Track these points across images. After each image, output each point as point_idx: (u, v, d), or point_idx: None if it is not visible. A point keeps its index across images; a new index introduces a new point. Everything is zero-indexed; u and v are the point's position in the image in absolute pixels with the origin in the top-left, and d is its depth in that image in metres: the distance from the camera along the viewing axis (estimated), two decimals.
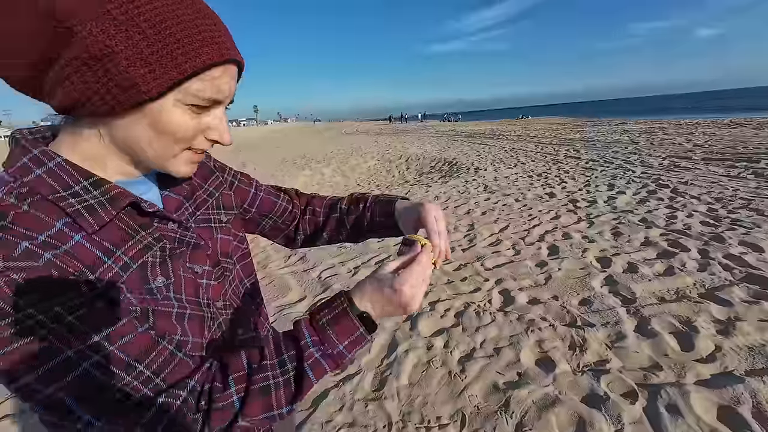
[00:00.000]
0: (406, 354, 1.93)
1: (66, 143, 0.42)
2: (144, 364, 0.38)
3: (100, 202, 0.41)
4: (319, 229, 0.74)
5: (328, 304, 0.47)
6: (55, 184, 0.39)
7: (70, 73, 0.36)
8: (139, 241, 0.44)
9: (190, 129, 0.41)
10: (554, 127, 17.25)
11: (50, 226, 0.38)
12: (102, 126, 0.41)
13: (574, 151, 8.54)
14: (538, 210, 4.25)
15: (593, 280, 2.51)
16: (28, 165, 0.39)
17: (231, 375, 0.42)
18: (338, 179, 9.11)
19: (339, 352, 0.45)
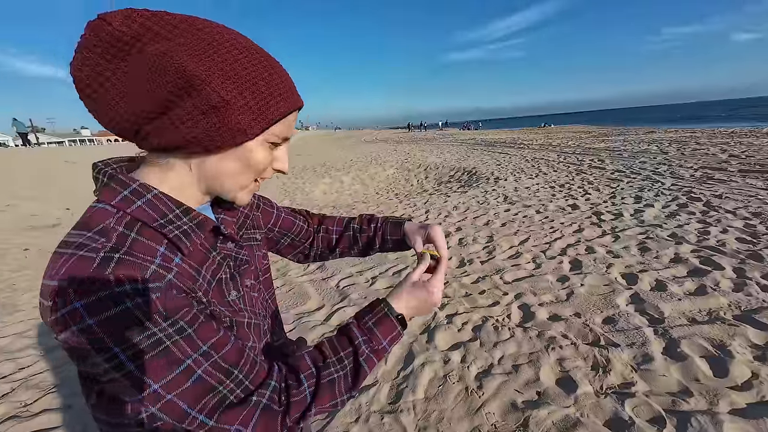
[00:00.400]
0: (423, 367, 1.93)
1: (154, 174, 0.47)
2: (238, 369, 0.44)
3: (191, 228, 0.48)
4: (333, 246, 0.82)
5: (371, 309, 0.57)
6: (155, 214, 0.45)
7: (186, 119, 0.42)
8: (213, 259, 0.52)
9: (267, 162, 0.49)
10: (578, 136, 16.83)
11: (157, 251, 0.44)
12: (195, 160, 0.46)
13: (599, 161, 8.30)
14: (560, 222, 4.16)
15: (618, 298, 2.42)
16: (130, 197, 0.44)
17: (302, 373, 0.50)
18: (357, 187, 9.22)
19: (383, 347, 0.55)
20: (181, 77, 0.40)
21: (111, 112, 0.42)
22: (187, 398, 0.41)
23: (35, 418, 1.78)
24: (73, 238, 0.41)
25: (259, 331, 0.57)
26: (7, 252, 4.63)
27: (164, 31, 0.40)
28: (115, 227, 0.42)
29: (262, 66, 0.44)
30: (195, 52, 0.40)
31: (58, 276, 0.38)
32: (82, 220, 0.43)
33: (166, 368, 0.39)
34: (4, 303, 3.17)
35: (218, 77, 0.41)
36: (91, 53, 0.40)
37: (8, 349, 2.44)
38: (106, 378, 0.39)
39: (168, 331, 0.40)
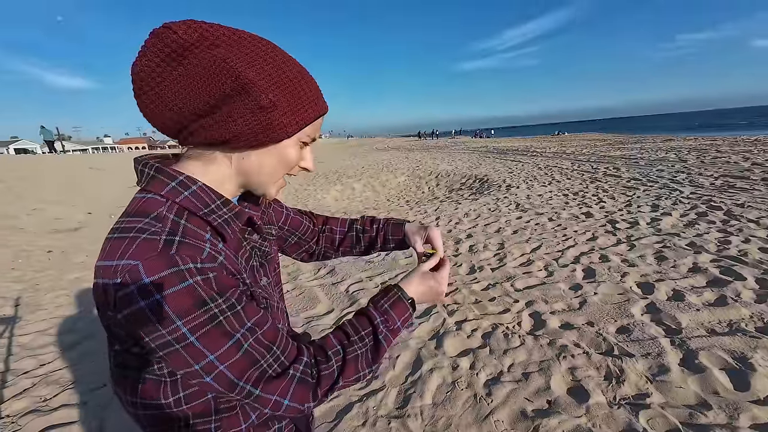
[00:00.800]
0: (431, 373, 1.92)
1: (197, 167, 0.52)
2: (276, 346, 0.49)
3: (231, 218, 0.52)
4: (336, 246, 0.87)
5: (386, 293, 0.63)
6: (200, 204, 0.49)
7: (236, 117, 0.46)
8: (245, 248, 0.57)
9: (297, 159, 0.54)
10: (593, 144, 16.57)
11: (204, 237, 0.48)
12: (235, 155, 0.51)
13: (614, 169, 8.14)
14: (574, 230, 4.09)
15: (633, 307, 2.36)
16: (177, 188, 0.48)
17: (329, 351, 0.55)
18: (368, 194, 9.27)
19: (397, 327, 0.61)
20: (235, 80, 0.44)
21: (164, 110, 0.46)
22: (235, 369, 0.45)
23: (54, 413, 1.83)
24: (130, 224, 0.45)
25: (283, 315, 0.64)
26: (31, 254, 4.83)
27: (219, 41, 0.45)
28: (167, 215, 0.46)
29: (300, 74, 0.50)
30: (248, 59, 0.46)
31: (125, 256, 0.42)
32: (136, 208, 0.47)
33: (220, 340, 0.44)
34: (28, 302, 3.30)
35: (267, 82, 0.46)
36: (154, 56, 0.44)
37: (30, 346, 2.54)
38: (164, 351, 0.43)
39: (222, 307, 0.44)
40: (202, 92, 0.44)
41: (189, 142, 0.50)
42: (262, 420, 0.56)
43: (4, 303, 3.27)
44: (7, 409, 1.88)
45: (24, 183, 8.68)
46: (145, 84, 0.45)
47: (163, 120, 0.47)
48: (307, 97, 0.50)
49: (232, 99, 0.45)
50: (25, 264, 4.43)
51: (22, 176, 9.32)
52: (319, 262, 3.58)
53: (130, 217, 0.46)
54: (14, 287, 3.66)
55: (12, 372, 2.22)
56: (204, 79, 0.44)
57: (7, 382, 2.11)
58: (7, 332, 2.72)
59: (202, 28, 0.45)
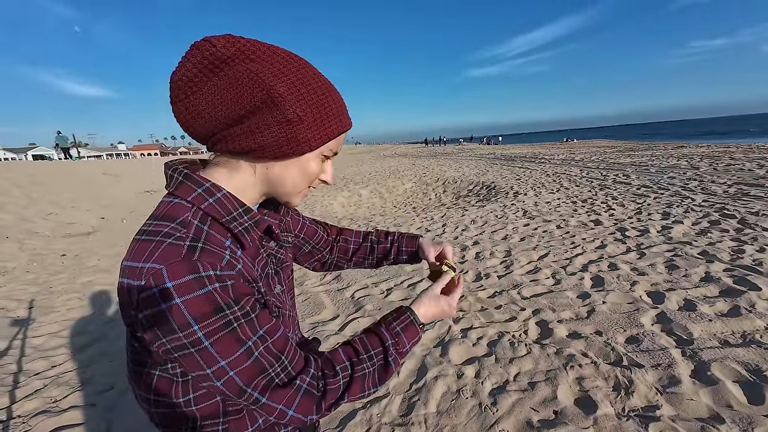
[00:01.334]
0: (436, 381, 1.90)
1: (222, 175, 0.54)
2: (284, 355, 0.50)
3: (251, 226, 0.54)
4: (350, 256, 0.88)
5: (398, 315, 0.64)
6: (223, 211, 0.51)
7: (263, 128, 0.48)
8: (262, 255, 0.59)
9: (318, 172, 0.56)
10: (602, 151, 16.41)
11: (225, 243, 0.50)
12: (260, 165, 0.53)
13: (624, 176, 8.04)
14: (582, 238, 4.04)
15: (643, 317, 2.32)
16: (203, 195, 0.50)
17: (338, 365, 0.56)
18: (375, 200, 9.30)
19: (406, 350, 0.62)
20: (266, 93, 0.47)
21: (197, 117, 0.49)
22: (243, 376, 0.46)
23: (63, 414, 1.87)
24: (157, 228, 0.47)
25: (294, 323, 0.66)
26: (46, 257, 4.95)
27: (254, 55, 0.48)
28: (192, 220, 0.49)
29: (327, 91, 0.52)
30: (279, 74, 0.48)
31: (150, 259, 0.44)
32: (162, 212, 0.50)
33: (233, 347, 0.45)
34: (41, 305, 3.37)
35: (295, 97, 0.48)
36: (192, 67, 0.47)
37: (42, 347, 2.59)
38: (178, 353, 0.44)
39: (237, 314, 0.46)
40: (234, 103, 0.47)
41: (217, 148, 0.52)
42: (269, 425, 0.57)
43: (18, 305, 3.35)
44: (18, 410, 1.91)
45: (41, 188, 8.92)
46: (182, 92, 0.48)
47: (195, 126, 0.50)
48: (332, 113, 0.52)
49: (261, 111, 0.47)
50: (40, 267, 4.54)
51: (39, 181, 9.58)
52: (314, 279, 3.60)
53: (157, 220, 0.48)
54: (29, 290, 3.75)
55: (24, 373, 2.27)
56: (237, 91, 0.47)
57: (19, 383, 2.16)
58: (20, 334, 2.79)
59: (239, 43, 0.47)
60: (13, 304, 3.36)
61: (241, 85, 0.47)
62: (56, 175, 10.86)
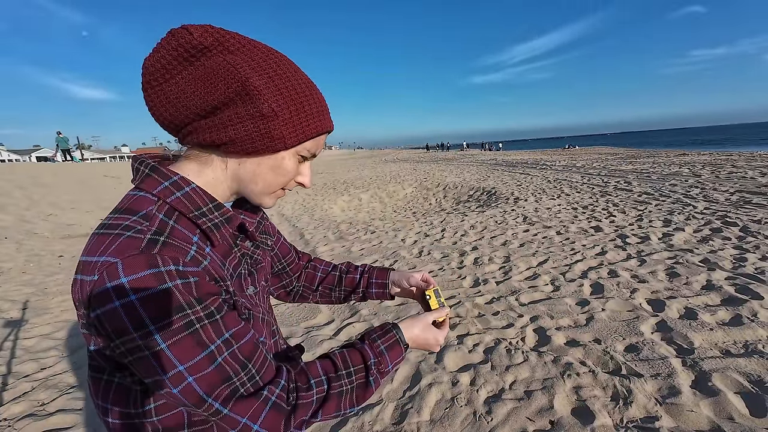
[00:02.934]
0: (430, 388, 1.86)
1: (192, 169, 0.51)
2: (252, 362, 0.46)
3: (222, 222, 0.51)
4: (316, 285, 0.82)
5: (384, 333, 0.61)
6: (191, 206, 0.48)
7: (236, 121, 0.46)
8: (235, 255, 0.55)
9: (293, 173, 0.53)
10: (603, 158, 16.38)
11: (192, 239, 0.47)
12: (232, 160, 0.50)
13: (626, 183, 8.01)
14: (582, 244, 4.00)
15: (642, 325, 2.27)
16: (170, 188, 0.48)
17: (313, 379, 0.51)
18: (375, 205, 9.29)
19: (388, 370, 0.58)
20: (241, 85, 0.45)
21: (168, 105, 0.47)
22: (204, 384, 0.42)
23: (50, 418, 1.83)
24: (117, 221, 0.44)
25: (269, 328, 0.61)
26: (43, 258, 4.93)
27: (233, 47, 0.46)
28: (157, 214, 0.46)
29: (308, 89, 0.50)
30: (257, 68, 0.46)
31: (106, 253, 0.41)
32: (125, 205, 0.47)
33: (193, 350, 0.41)
34: (35, 306, 3.35)
35: (272, 92, 0.46)
36: (167, 53, 0.45)
37: (33, 349, 2.56)
38: (133, 357, 0.40)
39: (200, 314, 0.42)
40: (207, 93, 0.45)
41: (187, 141, 0.50)
42: None
43: (12, 306, 3.33)
44: (5, 413, 1.88)
45: (42, 190, 8.95)
46: (153, 79, 0.46)
47: (165, 116, 0.48)
48: (311, 112, 0.50)
49: (234, 103, 0.45)
50: (36, 268, 4.52)
51: (41, 183, 9.62)
52: None
53: (118, 213, 0.45)
54: (24, 290, 3.73)
55: (13, 375, 2.24)
56: (211, 81, 0.45)
57: (7, 385, 2.13)
58: (12, 335, 2.76)
59: (219, 33, 0.46)
60: (6, 305, 3.34)
61: (216, 76, 0.45)
62: (59, 177, 10.90)
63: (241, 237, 0.58)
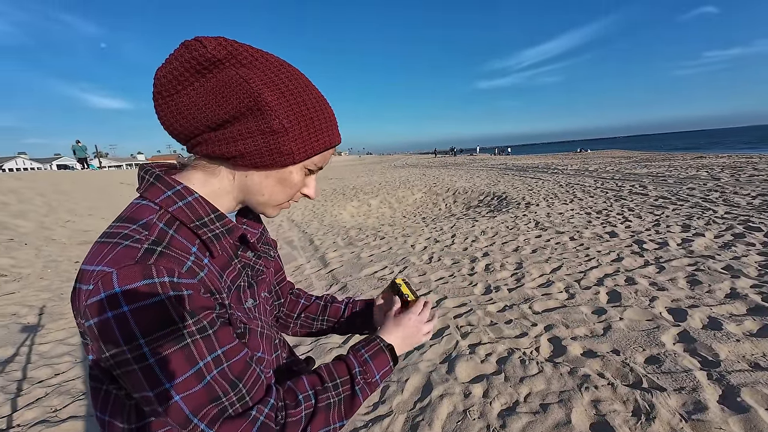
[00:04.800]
0: (441, 399, 1.81)
1: (198, 179, 0.51)
2: (242, 382, 0.45)
3: (222, 233, 0.51)
4: (298, 313, 0.80)
5: (368, 343, 0.60)
6: (192, 216, 0.48)
7: (246, 135, 0.46)
8: (234, 266, 0.54)
9: (299, 186, 0.54)
10: (617, 161, 16.07)
11: (190, 249, 0.46)
12: (239, 172, 0.50)
13: (641, 187, 7.82)
14: (597, 250, 3.90)
15: (663, 335, 2.18)
16: (173, 197, 0.48)
17: (300, 395, 0.50)
18: (385, 210, 9.27)
19: (375, 380, 0.58)
20: (253, 100, 0.45)
21: (178, 116, 0.47)
22: (191, 403, 0.41)
23: (62, 425, 1.84)
24: (117, 229, 0.44)
25: (270, 342, 0.59)
26: (60, 264, 5.05)
27: (246, 60, 0.46)
28: (157, 223, 0.45)
29: (318, 104, 0.50)
30: (269, 82, 0.46)
31: (102, 262, 0.40)
32: (127, 214, 0.46)
33: (181, 367, 0.40)
34: (51, 311, 3.42)
35: (283, 107, 0.46)
36: (179, 64, 0.45)
37: (48, 354, 2.60)
38: (121, 370, 0.40)
39: (191, 329, 0.41)
40: (219, 107, 0.45)
41: (196, 151, 0.50)
42: None
43: (29, 311, 3.40)
44: (18, 419, 1.90)
45: (61, 197, 9.21)
46: (165, 90, 0.46)
47: (175, 126, 0.48)
48: (320, 127, 0.50)
49: (245, 117, 0.45)
50: (54, 274, 4.63)
51: (61, 190, 9.90)
52: (319, 290, 3.57)
53: (120, 222, 0.45)
54: (41, 296, 3.82)
55: (28, 380, 2.27)
56: (223, 95, 0.45)
57: (22, 391, 2.16)
58: (28, 340, 2.81)
59: (232, 46, 0.46)
60: (24, 310, 3.42)
61: (228, 89, 0.45)
62: (77, 184, 11.22)
63: (243, 248, 0.57)
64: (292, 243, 5.66)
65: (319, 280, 3.85)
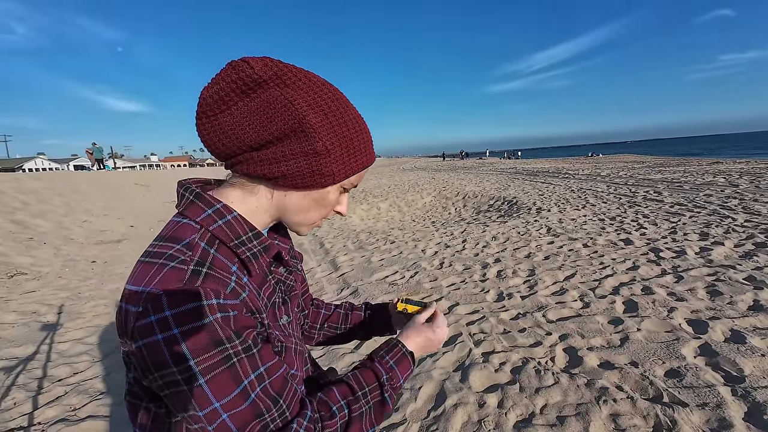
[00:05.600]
0: (455, 409, 1.79)
1: (236, 196, 0.51)
2: (282, 398, 0.45)
3: (260, 251, 0.51)
4: (321, 323, 0.81)
5: (391, 349, 0.60)
6: (232, 234, 0.48)
7: (289, 157, 0.47)
8: (269, 283, 0.55)
9: (334, 204, 0.55)
10: (630, 166, 15.81)
11: (231, 269, 0.47)
12: (278, 192, 0.51)
13: (655, 193, 7.67)
14: (612, 258, 3.83)
15: (684, 348, 2.13)
16: (213, 216, 0.48)
17: (333, 406, 0.51)
18: (394, 214, 9.27)
19: (400, 384, 0.59)
20: (298, 122, 0.45)
21: (222, 136, 0.47)
22: (238, 421, 0.41)
23: (81, 424, 1.88)
24: (161, 249, 0.44)
25: (302, 358, 0.60)
26: (78, 263, 5.17)
27: (290, 81, 0.47)
28: (199, 242, 0.46)
29: (358, 126, 0.51)
30: (313, 104, 0.47)
31: (151, 284, 0.41)
32: (169, 233, 0.47)
33: (229, 386, 0.41)
34: (69, 310, 3.49)
35: (327, 129, 0.47)
36: (225, 85, 0.45)
37: (67, 353, 2.66)
38: (170, 390, 0.40)
39: (237, 348, 0.42)
40: (263, 127, 0.45)
41: (236, 169, 0.50)
42: None
43: (48, 310, 3.49)
44: (39, 416, 1.95)
45: (78, 197, 9.43)
46: (209, 109, 0.46)
47: (218, 145, 0.48)
48: (359, 148, 0.51)
49: (289, 139, 0.46)
50: (71, 273, 4.73)
51: (78, 191, 10.15)
52: (330, 294, 3.59)
53: (163, 241, 0.46)
54: (59, 295, 3.91)
55: (48, 378, 2.32)
56: (267, 115, 0.45)
57: (42, 389, 2.21)
58: (48, 339, 2.88)
59: (277, 66, 0.46)
60: (44, 309, 3.50)
61: (272, 110, 0.45)
62: (94, 185, 11.48)
63: (275, 263, 0.58)
64: (302, 246, 5.69)
65: (330, 284, 3.86)
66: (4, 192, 7.54)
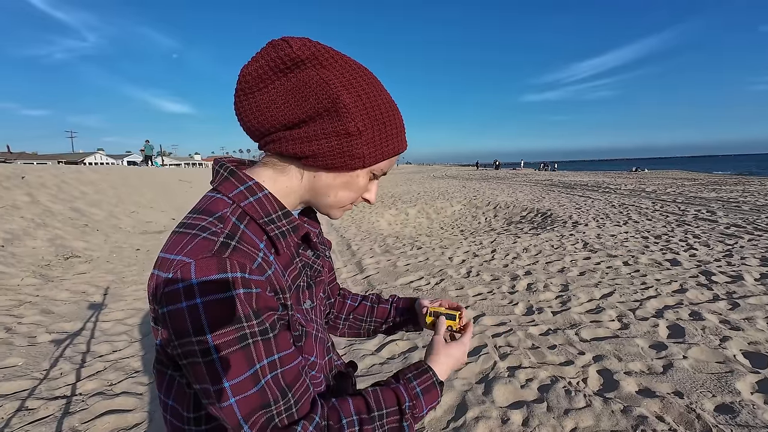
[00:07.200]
0: (477, 422, 1.72)
1: (268, 176, 0.52)
2: (291, 392, 0.44)
3: (288, 230, 0.51)
4: (346, 314, 0.80)
5: (420, 374, 0.57)
6: (262, 212, 0.49)
7: (321, 136, 0.47)
8: (296, 266, 0.54)
9: (363, 190, 0.54)
10: (679, 183, 14.70)
11: (259, 246, 0.47)
12: (309, 172, 0.51)
13: (708, 213, 7.06)
14: (655, 278, 3.55)
15: (738, 382, 1.92)
16: (245, 192, 0.49)
17: (344, 419, 0.47)
18: (422, 220, 9.20)
19: (423, 415, 0.55)
20: (332, 102, 0.45)
21: (256, 112, 0.48)
22: (244, 407, 0.41)
23: (115, 398, 2.00)
24: (195, 221, 0.46)
25: (323, 346, 0.58)
26: (124, 250, 5.56)
27: (327, 62, 0.47)
28: (230, 217, 0.47)
29: (391, 110, 0.51)
30: (348, 85, 0.47)
31: (183, 252, 0.42)
32: (203, 206, 0.48)
33: (241, 366, 0.40)
34: (114, 292, 3.75)
35: (360, 110, 0.47)
36: (265, 63, 0.46)
37: (109, 332, 2.85)
38: (187, 360, 0.41)
39: (254, 329, 0.41)
40: (297, 106, 0.46)
41: (269, 148, 0.51)
42: None
43: (96, 291, 3.77)
44: (81, 388, 2.09)
45: (129, 190, 10.19)
46: (248, 86, 0.47)
47: (252, 122, 0.49)
48: (392, 133, 0.51)
49: (322, 118, 0.46)
50: (118, 258, 5.10)
51: (129, 184, 10.98)
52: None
53: (196, 213, 0.47)
54: (106, 278, 4.22)
55: (90, 353, 2.50)
56: (302, 94, 0.46)
57: (85, 363, 2.37)
58: (93, 317, 3.11)
59: (315, 47, 0.47)
60: (92, 290, 3.79)
61: (308, 89, 0.46)
62: (143, 180, 12.37)
63: (303, 246, 0.57)
64: None
65: (355, 285, 3.87)
66: (67, 182, 8.30)
